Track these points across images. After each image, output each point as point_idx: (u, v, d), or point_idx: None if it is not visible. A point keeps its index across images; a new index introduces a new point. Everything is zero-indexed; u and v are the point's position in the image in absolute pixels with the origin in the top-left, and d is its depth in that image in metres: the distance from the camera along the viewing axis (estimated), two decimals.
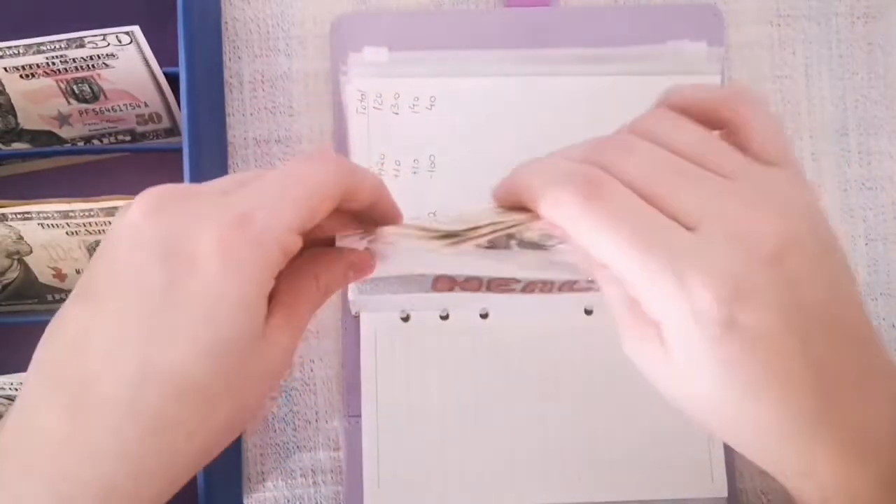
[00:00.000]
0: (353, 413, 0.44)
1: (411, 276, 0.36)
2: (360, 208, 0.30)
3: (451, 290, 0.37)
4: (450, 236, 0.30)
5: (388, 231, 0.32)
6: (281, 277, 0.29)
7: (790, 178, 0.28)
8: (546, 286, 0.37)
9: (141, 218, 0.26)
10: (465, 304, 0.43)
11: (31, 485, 0.25)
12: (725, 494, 0.43)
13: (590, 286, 0.37)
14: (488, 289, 0.38)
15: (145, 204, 0.26)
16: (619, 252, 0.26)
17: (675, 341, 0.26)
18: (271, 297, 0.29)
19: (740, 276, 0.25)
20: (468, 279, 0.37)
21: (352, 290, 0.41)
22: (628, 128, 0.29)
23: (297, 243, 0.28)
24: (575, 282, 0.37)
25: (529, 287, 0.37)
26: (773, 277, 0.25)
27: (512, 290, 0.38)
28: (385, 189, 0.31)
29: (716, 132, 0.29)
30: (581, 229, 0.27)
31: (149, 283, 0.25)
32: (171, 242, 0.26)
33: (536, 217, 0.28)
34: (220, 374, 0.26)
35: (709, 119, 0.29)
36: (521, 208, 0.29)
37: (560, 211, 0.27)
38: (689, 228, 0.26)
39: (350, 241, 0.31)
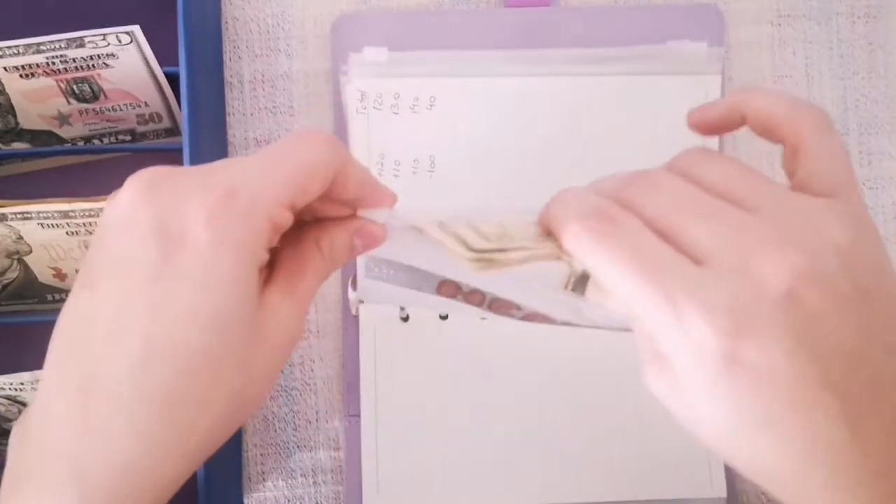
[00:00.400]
0: (352, 412, 0.44)
1: (419, 270, 0.36)
2: (345, 199, 0.30)
3: (454, 297, 0.37)
4: (479, 256, 0.31)
5: (424, 227, 0.32)
6: (283, 246, 0.29)
7: (833, 212, 0.26)
8: (547, 318, 0.37)
9: (131, 200, 0.27)
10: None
11: (52, 467, 0.25)
12: (724, 495, 0.43)
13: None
14: (489, 307, 0.38)
15: (135, 186, 0.27)
16: (626, 284, 0.26)
17: (682, 375, 0.26)
18: (273, 266, 0.29)
19: (743, 311, 0.24)
20: (472, 292, 0.37)
21: (359, 267, 0.41)
22: (666, 164, 0.29)
23: (287, 218, 0.28)
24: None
25: (530, 316, 0.37)
26: (782, 316, 0.24)
27: (511, 316, 0.38)
28: (372, 188, 0.31)
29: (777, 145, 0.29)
30: (592, 262, 0.27)
31: (143, 260, 0.26)
32: (162, 219, 0.26)
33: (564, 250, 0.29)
34: (222, 345, 0.26)
35: (770, 132, 0.29)
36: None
37: (575, 243, 0.27)
38: (699, 263, 0.26)
39: (375, 216, 0.31)
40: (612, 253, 0.26)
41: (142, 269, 0.26)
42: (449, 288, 0.37)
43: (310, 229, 0.30)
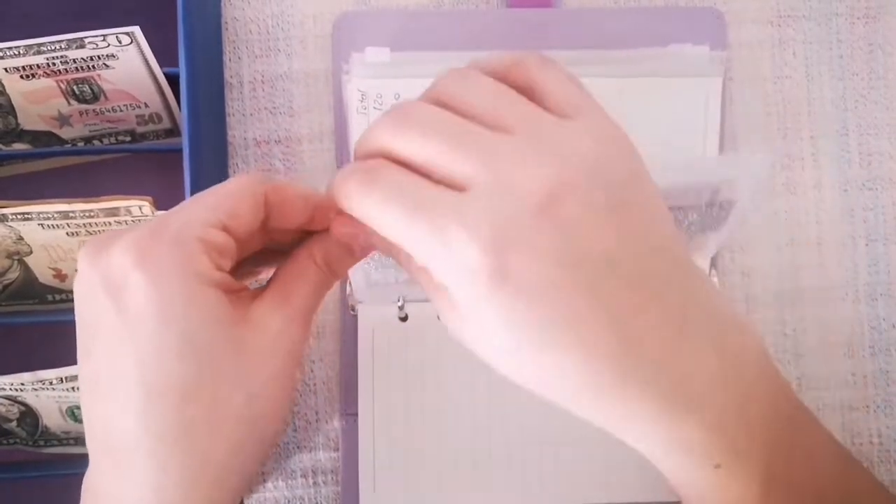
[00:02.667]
0: (349, 411, 0.44)
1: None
2: (301, 220, 0.30)
3: None
4: None
5: None
6: (280, 266, 0.30)
7: (579, 129, 0.27)
8: None
9: (85, 268, 0.28)
10: None
11: None
12: None
13: None
14: None
15: (85, 255, 0.28)
16: (393, 227, 0.27)
17: (461, 303, 0.26)
18: (267, 284, 0.30)
19: (505, 227, 0.25)
20: None
21: (352, 274, 0.42)
22: (423, 93, 0.30)
23: (223, 238, 0.28)
24: None
25: None
26: (544, 226, 0.25)
27: None
28: (323, 200, 0.31)
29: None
30: (362, 214, 0.28)
31: (107, 317, 0.27)
32: (106, 275, 0.27)
33: None
34: (207, 366, 0.27)
35: (511, 84, 0.29)
36: None
37: (348, 203, 0.28)
38: (461, 190, 0.26)
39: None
40: (374, 201, 0.27)
41: (110, 326, 0.27)
42: None
43: (303, 246, 0.31)
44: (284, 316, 0.29)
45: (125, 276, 0.27)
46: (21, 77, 0.40)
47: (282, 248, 0.32)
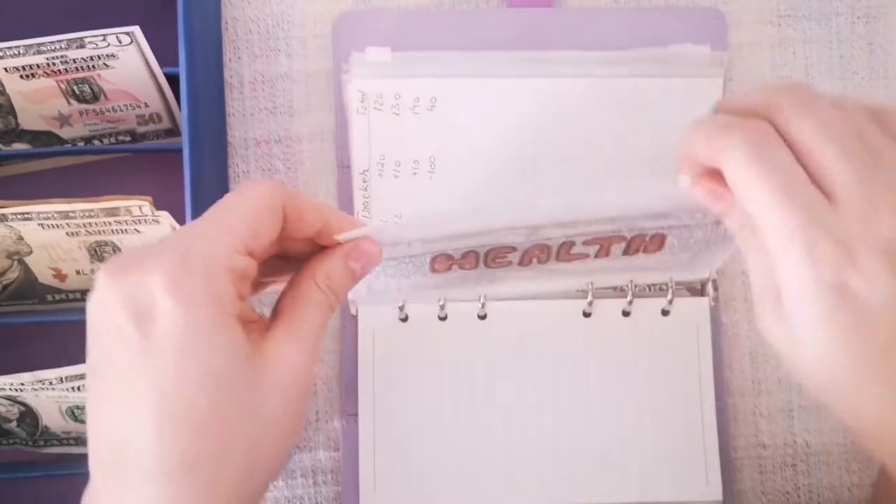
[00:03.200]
0: (350, 412, 0.44)
1: (409, 257, 0.36)
2: (310, 232, 0.31)
3: (448, 269, 0.37)
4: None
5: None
6: (283, 294, 0.31)
7: None
8: (543, 252, 0.37)
9: (104, 291, 0.28)
10: (463, 296, 0.43)
11: None
12: (720, 498, 0.43)
13: (586, 252, 0.38)
14: (485, 264, 0.38)
15: (103, 278, 0.28)
16: (767, 205, 0.27)
17: (796, 307, 0.27)
18: (274, 312, 0.30)
19: (868, 250, 0.26)
20: (465, 255, 0.37)
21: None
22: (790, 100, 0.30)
23: (246, 263, 0.29)
24: (572, 244, 0.37)
25: (527, 258, 0.37)
26: None
27: (509, 264, 0.38)
28: (332, 212, 0.32)
29: None
30: (740, 179, 0.28)
31: (127, 342, 0.27)
32: (132, 299, 0.27)
33: None
34: (221, 398, 0.27)
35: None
36: None
37: (727, 161, 0.29)
38: (829, 196, 0.27)
39: (357, 235, 0.32)
40: (757, 173, 0.28)
41: (128, 350, 0.27)
42: (442, 263, 0.37)
43: (304, 270, 0.31)
44: (295, 348, 0.29)
45: (153, 301, 0.27)
46: (21, 77, 0.40)
47: (289, 256, 0.32)
